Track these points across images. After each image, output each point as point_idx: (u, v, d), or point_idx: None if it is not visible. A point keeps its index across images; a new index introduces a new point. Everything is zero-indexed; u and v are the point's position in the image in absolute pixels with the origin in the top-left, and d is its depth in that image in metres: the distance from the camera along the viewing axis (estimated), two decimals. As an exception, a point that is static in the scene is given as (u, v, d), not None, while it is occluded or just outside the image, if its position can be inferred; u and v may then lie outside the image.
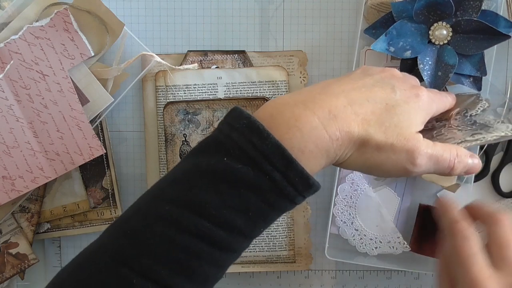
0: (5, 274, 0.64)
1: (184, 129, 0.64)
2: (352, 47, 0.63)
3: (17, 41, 0.59)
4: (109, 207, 0.66)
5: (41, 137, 0.60)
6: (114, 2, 0.63)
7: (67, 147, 0.60)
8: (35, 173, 0.60)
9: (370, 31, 0.60)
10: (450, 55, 0.58)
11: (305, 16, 0.64)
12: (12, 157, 0.60)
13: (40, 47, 0.59)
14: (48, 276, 0.68)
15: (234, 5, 0.64)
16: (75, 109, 0.60)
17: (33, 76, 0.59)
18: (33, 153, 0.60)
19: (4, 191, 0.60)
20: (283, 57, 0.64)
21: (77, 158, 0.61)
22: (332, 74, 0.64)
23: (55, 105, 0.60)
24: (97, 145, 0.61)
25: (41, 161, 0.60)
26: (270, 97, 0.63)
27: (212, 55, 0.64)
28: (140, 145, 0.66)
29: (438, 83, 0.58)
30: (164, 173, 0.64)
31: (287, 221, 0.64)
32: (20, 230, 0.64)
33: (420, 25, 0.58)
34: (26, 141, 0.60)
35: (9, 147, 0.60)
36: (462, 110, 0.55)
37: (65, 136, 0.60)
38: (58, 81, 0.60)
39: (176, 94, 0.63)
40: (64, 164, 0.61)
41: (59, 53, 0.59)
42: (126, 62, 0.61)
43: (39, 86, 0.60)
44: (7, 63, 0.59)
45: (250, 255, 0.65)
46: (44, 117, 0.60)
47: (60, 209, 0.65)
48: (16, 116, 0.60)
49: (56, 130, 0.60)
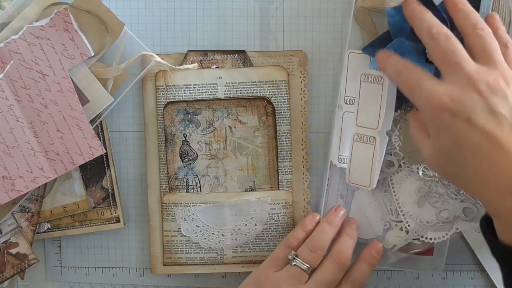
0: (5, 274, 0.64)
1: (184, 129, 0.64)
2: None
3: (17, 41, 0.59)
4: (109, 207, 0.66)
5: (41, 137, 0.60)
6: (114, 2, 0.63)
7: (67, 147, 0.60)
8: (35, 173, 0.60)
9: (369, 49, 0.60)
10: None
11: (305, 16, 0.64)
12: (12, 157, 0.60)
13: (40, 47, 0.59)
14: (48, 276, 0.68)
15: (234, 5, 0.64)
16: (75, 109, 0.60)
17: (33, 76, 0.59)
18: (33, 153, 0.60)
19: (4, 191, 0.60)
20: (283, 57, 0.64)
21: (77, 158, 0.61)
22: (332, 74, 0.64)
23: (55, 105, 0.60)
24: (97, 145, 0.61)
25: (41, 161, 0.60)
26: (270, 97, 0.63)
27: (212, 55, 0.64)
28: (140, 145, 0.66)
29: None
30: (164, 173, 0.64)
31: (287, 221, 0.64)
32: (20, 230, 0.64)
33: (418, 43, 0.58)
34: (26, 141, 0.60)
35: (9, 147, 0.60)
36: None
37: (65, 136, 0.60)
38: (58, 81, 0.60)
39: (176, 94, 0.63)
40: (64, 164, 0.61)
41: (59, 53, 0.59)
42: (126, 62, 0.61)
43: (39, 86, 0.59)
44: (7, 63, 0.59)
45: (250, 255, 0.65)
46: (44, 117, 0.60)
47: (60, 209, 0.65)
48: (16, 116, 0.60)
49: (56, 130, 0.60)
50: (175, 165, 0.64)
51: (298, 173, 0.64)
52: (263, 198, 0.64)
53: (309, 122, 0.64)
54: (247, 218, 0.64)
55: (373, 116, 0.60)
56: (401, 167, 0.62)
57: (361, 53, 0.60)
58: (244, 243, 0.64)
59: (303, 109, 0.64)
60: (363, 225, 0.64)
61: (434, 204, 0.61)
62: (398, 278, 0.67)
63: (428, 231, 0.62)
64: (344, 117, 0.62)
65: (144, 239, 0.67)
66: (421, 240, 0.62)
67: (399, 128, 0.61)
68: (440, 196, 0.61)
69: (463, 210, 0.61)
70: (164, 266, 0.65)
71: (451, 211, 0.61)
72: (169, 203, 0.64)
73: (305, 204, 0.65)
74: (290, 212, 0.64)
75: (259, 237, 0.64)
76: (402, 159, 0.62)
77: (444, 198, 0.61)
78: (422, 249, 0.63)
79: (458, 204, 0.61)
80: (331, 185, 0.64)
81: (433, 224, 0.62)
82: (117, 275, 0.68)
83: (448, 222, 0.61)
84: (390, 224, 0.63)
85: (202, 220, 0.64)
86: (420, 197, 0.62)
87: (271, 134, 0.64)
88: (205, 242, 0.64)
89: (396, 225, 0.63)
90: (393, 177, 0.62)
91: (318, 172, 0.65)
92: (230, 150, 0.64)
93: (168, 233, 0.65)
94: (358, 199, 0.64)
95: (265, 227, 0.64)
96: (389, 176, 0.62)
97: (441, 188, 0.61)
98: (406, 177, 0.62)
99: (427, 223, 0.62)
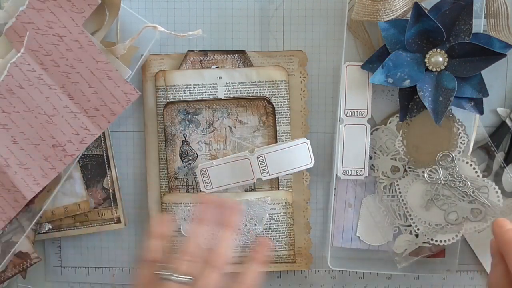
0: (6, 273, 0.64)
1: (184, 129, 0.64)
2: (352, 47, 0.64)
3: (26, 12, 0.59)
4: (110, 207, 0.66)
5: (77, 98, 0.60)
6: (114, 3, 0.64)
7: (103, 100, 0.60)
8: (81, 134, 0.61)
9: (368, 66, 0.60)
10: (448, 79, 0.58)
11: (305, 16, 0.64)
12: (56, 125, 0.60)
13: (49, 10, 0.59)
14: (48, 276, 0.69)
15: (234, 5, 0.64)
16: (100, 61, 0.60)
17: (52, 41, 0.59)
18: (74, 115, 0.60)
19: (58, 159, 0.61)
20: (283, 57, 0.64)
21: (116, 107, 0.61)
22: (332, 74, 0.64)
23: (80, 63, 0.60)
24: (131, 89, 0.60)
25: (84, 121, 0.61)
26: (270, 97, 0.63)
27: (212, 55, 0.64)
28: (140, 145, 0.66)
29: (441, 108, 0.58)
30: (164, 173, 0.64)
31: (287, 221, 0.64)
32: (22, 229, 0.64)
33: (415, 54, 0.58)
34: (64, 105, 0.60)
35: (50, 116, 0.60)
36: None
37: (98, 89, 0.60)
38: (76, 38, 0.60)
39: (176, 94, 0.63)
40: (106, 117, 0.61)
41: (68, 11, 0.59)
42: (130, 38, 0.61)
43: (60, 49, 0.60)
44: (24, 35, 0.59)
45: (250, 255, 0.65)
46: (74, 78, 0.60)
47: (61, 209, 0.65)
48: (47, 84, 0.60)
49: (88, 86, 0.60)
50: (175, 165, 0.64)
51: (298, 173, 0.64)
52: (263, 198, 0.64)
53: (309, 122, 0.64)
54: (247, 218, 0.64)
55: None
56: (406, 171, 0.62)
57: (358, 64, 0.61)
58: (244, 243, 0.64)
59: (303, 109, 0.64)
60: (372, 231, 0.64)
61: (442, 207, 0.62)
62: (398, 278, 0.66)
63: (438, 234, 0.62)
64: (346, 130, 0.62)
65: (144, 239, 0.67)
66: (431, 243, 0.62)
67: (402, 133, 0.61)
68: (447, 198, 0.62)
69: (471, 211, 0.61)
70: (164, 266, 0.65)
71: (459, 213, 0.61)
72: (169, 203, 0.64)
73: (305, 204, 0.65)
74: (290, 212, 0.64)
75: (259, 237, 0.64)
76: (407, 164, 0.62)
77: (451, 200, 0.61)
78: (433, 252, 0.63)
79: (466, 205, 0.61)
80: (338, 195, 0.64)
81: (442, 226, 0.62)
82: (117, 275, 0.68)
83: (457, 223, 0.61)
84: (400, 229, 0.63)
85: (202, 220, 0.64)
86: (428, 201, 0.62)
87: (271, 134, 0.64)
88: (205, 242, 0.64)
89: (405, 229, 0.63)
90: (399, 182, 0.63)
91: (318, 172, 0.65)
92: (230, 150, 0.64)
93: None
94: (366, 206, 0.64)
95: (265, 227, 0.64)
96: (395, 181, 0.63)
97: (448, 191, 0.61)
98: (412, 182, 0.62)
99: (436, 226, 0.62)
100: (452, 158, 0.61)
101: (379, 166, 0.63)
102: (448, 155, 0.61)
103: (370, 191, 0.64)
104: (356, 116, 0.62)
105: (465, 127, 0.61)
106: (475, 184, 0.61)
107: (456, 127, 0.61)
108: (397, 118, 0.62)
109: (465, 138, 0.61)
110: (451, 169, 0.61)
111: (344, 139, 0.62)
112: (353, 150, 0.62)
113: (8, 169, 0.61)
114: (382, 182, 0.63)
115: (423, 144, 0.62)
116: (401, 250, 0.63)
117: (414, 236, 0.63)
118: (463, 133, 0.61)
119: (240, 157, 0.62)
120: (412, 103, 0.60)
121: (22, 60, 0.59)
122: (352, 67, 0.61)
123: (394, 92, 0.62)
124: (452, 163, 0.61)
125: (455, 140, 0.61)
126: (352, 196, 0.65)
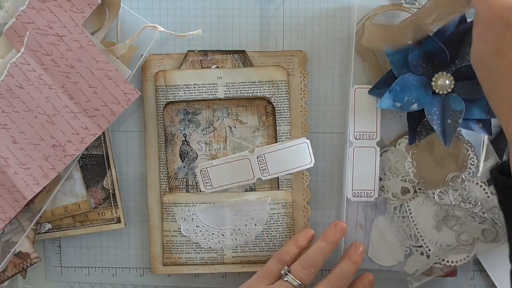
0: (6, 273, 0.64)
1: (184, 129, 0.64)
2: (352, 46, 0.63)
3: (26, 11, 0.59)
4: (110, 207, 0.66)
5: (77, 98, 0.60)
6: (114, 2, 0.64)
7: (103, 100, 0.60)
8: (81, 134, 0.61)
9: (375, 91, 0.60)
10: (456, 102, 0.58)
11: (305, 16, 0.64)
12: (56, 125, 0.60)
13: (49, 10, 0.59)
14: (48, 276, 0.69)
15: (234, 5, 0.64)
16: (100, 60, 0.60)
17: (51, 41, 0.59)
18: (74, 115, 0.60)
19: (58, 159, 0.61)
20: (283, 57, 0.64)
21: (116, 107, 0.61)
22: (332, 74, 0.64)
23: (80, 63, 0.60)
24: (131, 89, 0.60)
25: (84, 121, 0.61)
26: (270, 97, 0.63)
27: (212, 55, 0.64)
28: (140, 145, 0.66)
29: (449, 130, 0.58)
30: (164, 173, 0.64)
31: (287, 221, 0.64)
32: (22, 229, 0.64)
33: (421, 77, 0.58)
34: (64, 105, 0.60)
35: (50, 116, 0.60)
36: None
37: (98, 89, 0.60)
38: (75, 38, 0.60)
39: (176, 94, 0.63)
40: (106, 117, 0.61)
41: (68, 11, 0.59)
42: (130, 38, 0.61)
43: (60, 49, 0.60)
44: (24, 35, 0.59)
45: (250, 255, 0.65)
46: (74, 77, 0.60)
47: (61, 209, 0.65)
48: (47, 84, 0.60)
49: (88, 86, 0.60)
50: (175, 165, 0.64)
51: (298, 173, 0.64)
52: (263, 198, 0.64)
53: (309, 122, 0.64)
54: (247, 218, 0.64)
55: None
56: (416, 192, 0.62)
57: (367, 88, 0.61)
58: (244, 243, 0.64)
59: (303, 109, 0.64)
60: (384, 252, 0.64)
61: (453, 228, 0.62)
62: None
63: (449, 254, 0.62)
64: (355, 152, 0.62)
65: (144, 239, 0.67)
66: (443, 263, 0.62)
67: (411, 154, 0.61)
68: (458, 219, 0.62)
69: (483, 232, 0.61)
70: (164, 266, 0.65)
71: (470, 234, 0.61)
72: (169, 203, 0.64)
73: (305, 204, 0.65)
74: (290, 212, 0.64)
75: (259, 237, 0.64)
76: (417, 185, 0.62)
77: (462, 221, 0.61)
78: (444, 272, 0.63)
79: (476, 226, 0.61)
80: (349, 217, 0.64)
81: (453, 247, 0.62)
82: (117, 275, 0.68)
83: (468, 244, 0.62)
84: (411, 249, 0.63)
85: (202, 220, 0.64)
86: (438, 221, 0.62)
87: (271, 134, 0.64)
88: (205, 242, 0.64)
89: (416, 250, 0.63)
90: (409, 203, 0.63)
91: (318, 172, 0.65)
92: (230, 150, 0.64)
93: (168, 233, 0.65)
94: (377, 227, 0.64)
95: (265, 227, 0.64)
96: (406, 202, 0.63)
97: (458, 211, 0.62)
98: (422, 203, 0.62)
99: (447, 246, 0.62)
100: (462, 179, 0.61)
101: (389, 187, 0.63)
102: (458, 176, 0.61)
103: (381, 212, 0.64)
104: (365, 139, 0.62)
105: (474, 148, 0.61)
106: (486, 205, 0.61)
107: (466, 148, 0.61)
108: (406, 140, 0.61)
109: (474, 159, 0.61)
110: (461, 190, 0.61)
111: (354, 162, 0.62)
112: (363, 172, 0.62)
113: (8, 169, 0.61)
114: (393, 203, 0.63)
115: (432, 166, 0.61)
116: (412, 271, 0.63)
117: (426, 256, 0.63)
118: (472, 154, 0.61)
119: (240, 157, 0.62)
120: (420, 126, 0.60)
121: (22, 60, 0.59)
122: (361, 89, 0.61)
123: (403, 113, 0.62)
124: (462, 185, 0.61)
125: (464, 161, 0.61)
126: (362, 217, 0.64)
